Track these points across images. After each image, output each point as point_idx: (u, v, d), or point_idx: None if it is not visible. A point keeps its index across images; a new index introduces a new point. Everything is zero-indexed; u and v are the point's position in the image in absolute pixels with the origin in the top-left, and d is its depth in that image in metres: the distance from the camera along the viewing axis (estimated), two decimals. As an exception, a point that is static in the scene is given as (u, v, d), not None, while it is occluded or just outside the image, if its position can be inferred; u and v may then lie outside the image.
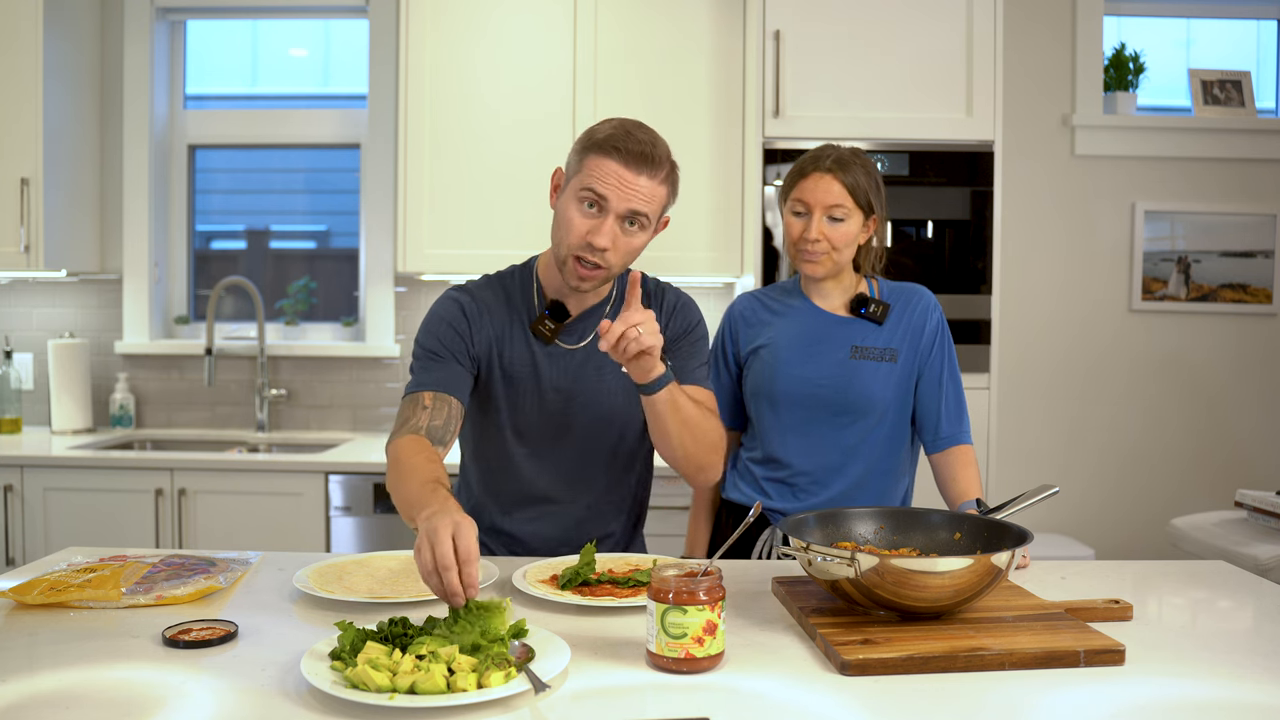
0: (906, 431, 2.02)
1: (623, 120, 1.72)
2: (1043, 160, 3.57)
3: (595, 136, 1.68)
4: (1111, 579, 1.70)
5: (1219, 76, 3.62)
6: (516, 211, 3.22)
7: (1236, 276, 3.59)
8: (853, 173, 1.90)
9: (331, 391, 3.62)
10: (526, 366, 1.80)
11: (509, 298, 1.83)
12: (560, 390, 1.80)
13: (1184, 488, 3.59)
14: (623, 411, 1.83)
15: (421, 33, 3.20)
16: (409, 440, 1.64)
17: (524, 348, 1.80)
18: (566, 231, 1.69)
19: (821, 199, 1.90)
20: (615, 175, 1.65)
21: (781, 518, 1.93)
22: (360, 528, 3.01)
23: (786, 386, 1.96)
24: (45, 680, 1.18)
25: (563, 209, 1.71)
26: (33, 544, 2.99)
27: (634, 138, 1.66)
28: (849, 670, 1.22)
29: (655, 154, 1.67)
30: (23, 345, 3.62)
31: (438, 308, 1.82)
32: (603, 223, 1.66)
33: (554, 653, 1.23)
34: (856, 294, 2.01)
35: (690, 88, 3.22)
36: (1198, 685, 1.21)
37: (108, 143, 3.59)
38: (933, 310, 2.01)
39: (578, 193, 1.67)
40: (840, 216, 1.90)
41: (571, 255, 1.69)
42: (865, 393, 1.95)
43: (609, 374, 1.81)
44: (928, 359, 1.98)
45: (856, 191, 1.90)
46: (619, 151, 1.65)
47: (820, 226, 1.90)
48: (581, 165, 1.68)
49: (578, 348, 1.81)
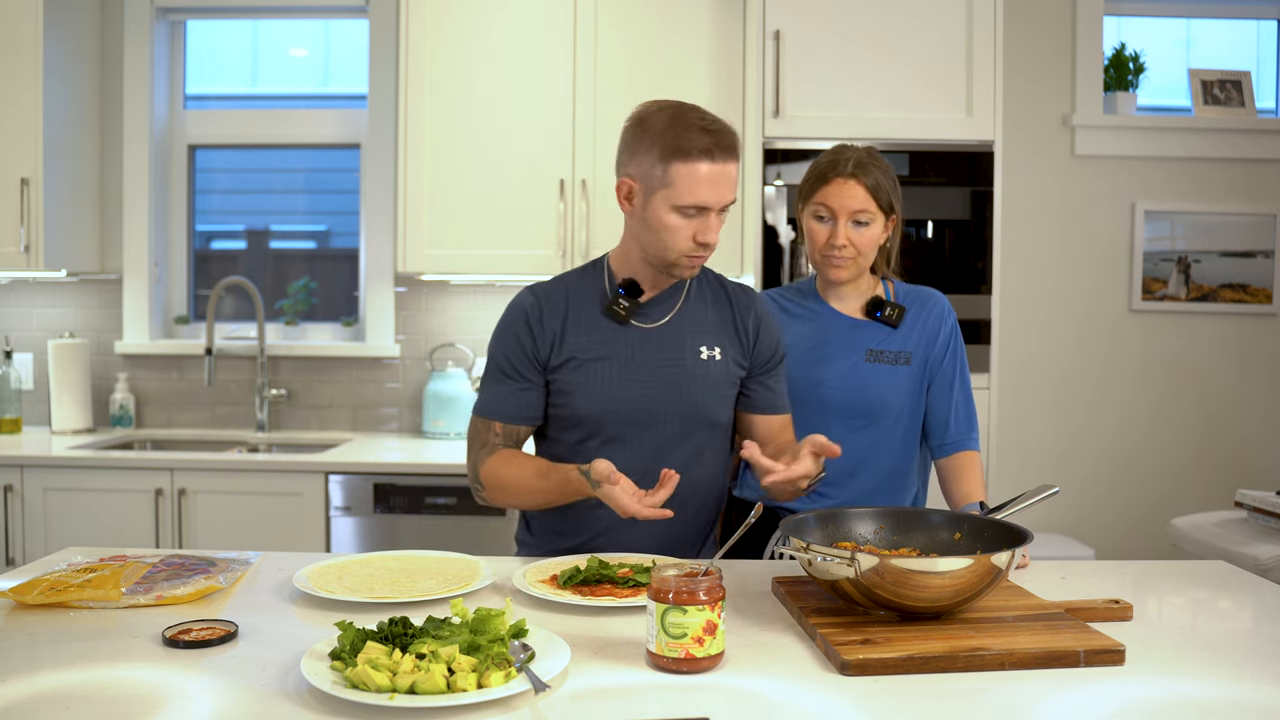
0: (919, 436, 2.02)
1: (678, 108, 1.69)
2: (1043, 160, 3.57)
3: (678, 142, 1.65)
4: (1111, 579, 1.70)
5: (1219, 76, 3.62)
6: (516, 212, 3.22)
7: (1236, 276, 3.59)
8: (873, 175, 1.90)
9: (331, 391, 3.62)
10: (596, 348, 1.77)
11: (580, 286, 1.82)
12: (636, 370, 1.77)
13: (1184, 488, 3.59)
14: (700, 396, 1.79)
15: (421, 33, 3.20)
16: (498, 458, 1.77)
17: (594, 331, 1.78)
18: (673, 239, 1.69)
19: (846, 204, 1.89)
20: (707, 181, 1.65)
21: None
22: (360, 528, 3.01)
23: (800, 389, 1.95)
24: (45, 680, 1.18)
25: (657, 220, 1.69)
26: (33, 544, 2.99)
27: (710, 132, 1.66)
28: (849, 670, 1.22)
29: (731, 139, 1.68)
30: (23, 345, 3.62)
31: (506, 315, 1.83)
32: (708, 221, 1.68)
33: (554, 653, 1.23)
34: (872, 297, 2.00)
35: (690, 88, 3.22)
36: (1198, 685, 1.21)
37: (108, 143, 3.59)
38: (947, 315, 2.01)
39: (673, 206, 1.67)
40: (865, 221, 1.90)
41: (683, 256, 1.71)
42: (880, 396, 1.95)
43: (689, 355, 1.79)
44: (940, 364, 1.98)
45: (879, 194, 1.90)
46: (707, 153, 1.64)
47: (846, 232, 1.90)
48: (669, 176, 1.66)
49: (654, 326, 1.80)
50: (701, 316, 1.83)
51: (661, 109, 1.70)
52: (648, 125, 1.69)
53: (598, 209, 3.20)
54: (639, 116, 1.72)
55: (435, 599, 1.47)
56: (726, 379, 1.82)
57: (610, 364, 1.76)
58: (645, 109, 1.73)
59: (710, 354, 1.80)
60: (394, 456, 3.10)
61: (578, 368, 1.76)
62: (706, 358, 1.80)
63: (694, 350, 1.79)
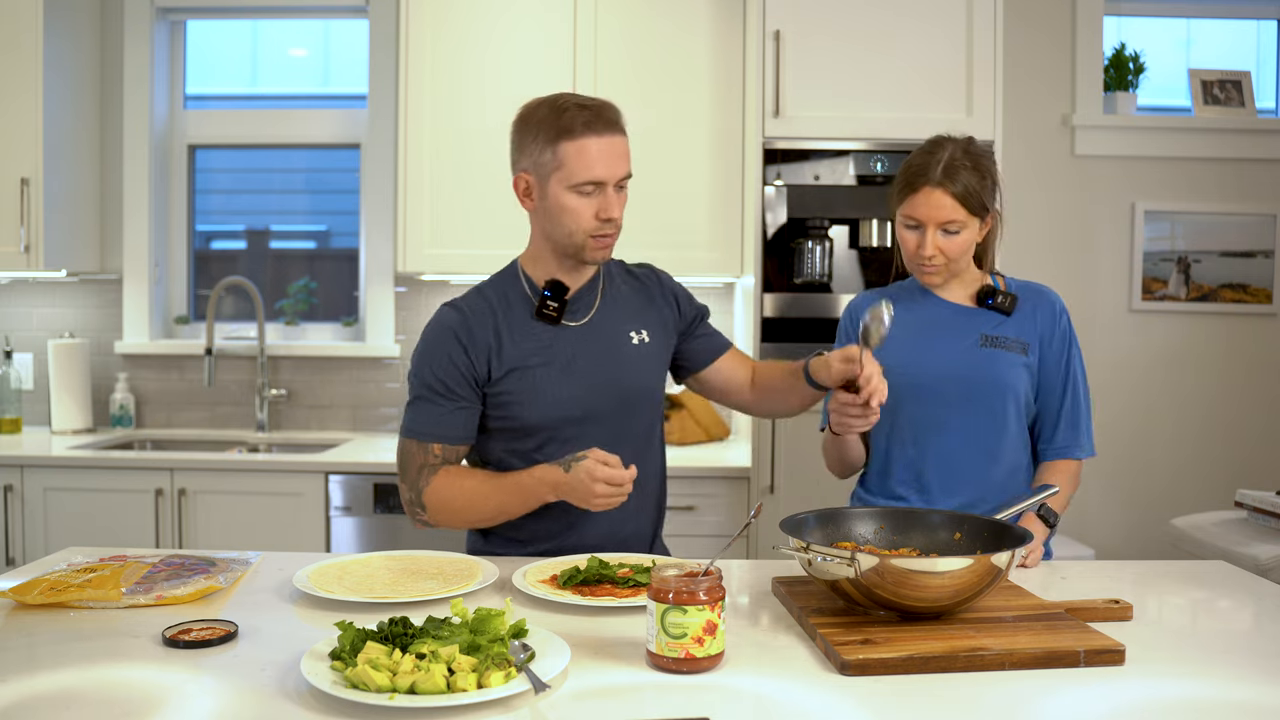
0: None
1: (555, 97, 1.74)
2: (1043, 160, 3.56)
3: (559, 123, 1.68)
4: (1111, 579, 1.70)
5: (1219, 76, 3.62)
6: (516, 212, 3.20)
7: (1236, 276, 3.58)
8: (961, 180, 1.82)
9: (331, 391, 3.62)
10: (536, 354, 1.77)
11: (501, 298, 1.81)
12: (577, 369, 1.78)
13: (1184, 488, 3.59)
14: (641, 383, 1.83)
15: (421, 33, 3.20)
16: (442, 476, 1.76)
17: (528, 337, 1.78)
18: (576, 219, 1.72)
19: (934, 215, 1.82)
20: (596, 155, 1.68)
21: None
22: (360, 528, 3.01)
23: (908, 373, 1.85)
24: (45, 680, 1.18)
25: (557, 204, 1.72)
26: (33, 544, 2.99)
27: (587, 108, 1.69)
28: (849, 670, 1.22)
29: (612, 113, 1.71)
30: (23, 345, 3.62)
31: (431, 334, 1.79)
32: (607, 197, 1.70)
33: (554, 653, 1.23)
34: (983, 285, 1.94)
35: (690, 88, 3.22)
36: (1198, 685, 1.21)
37: (108, 143, 3.59)
38: (1062, 312, 1.93)
39: (569, 187, 1.70)
40: (955, 230, 1.84)
41: (589, 236, 1.72)
42: (999, 381, 1.85)
43: (623, 344, 1.82)
44: (1057, 360, 1.90)
45: (969, 200, 1.83)
46: (589, 127, 1.67)
47: (935, 241, 1.84)
48: (559, 158, 1.69)
49: (583, 323, 1.81)
50: (624, 304, 1.86)
51: (540, 102, 1.75)
52: (530, 118, 1.74)
53: (598, 209, 3.20)
54: (520, 115, 1.77)
55: (435, 599, 1.47)
56: (659, 359, 1.87)
57: (551, 367, 1.77)
58: (525, 107, 1.77)
59: (640, 337, 1.84)
60: (394, 456, 3.09)
61: (521, 376, 1.76)
62: (638, 342, 1.84)
63: (625, 338, 1.83)
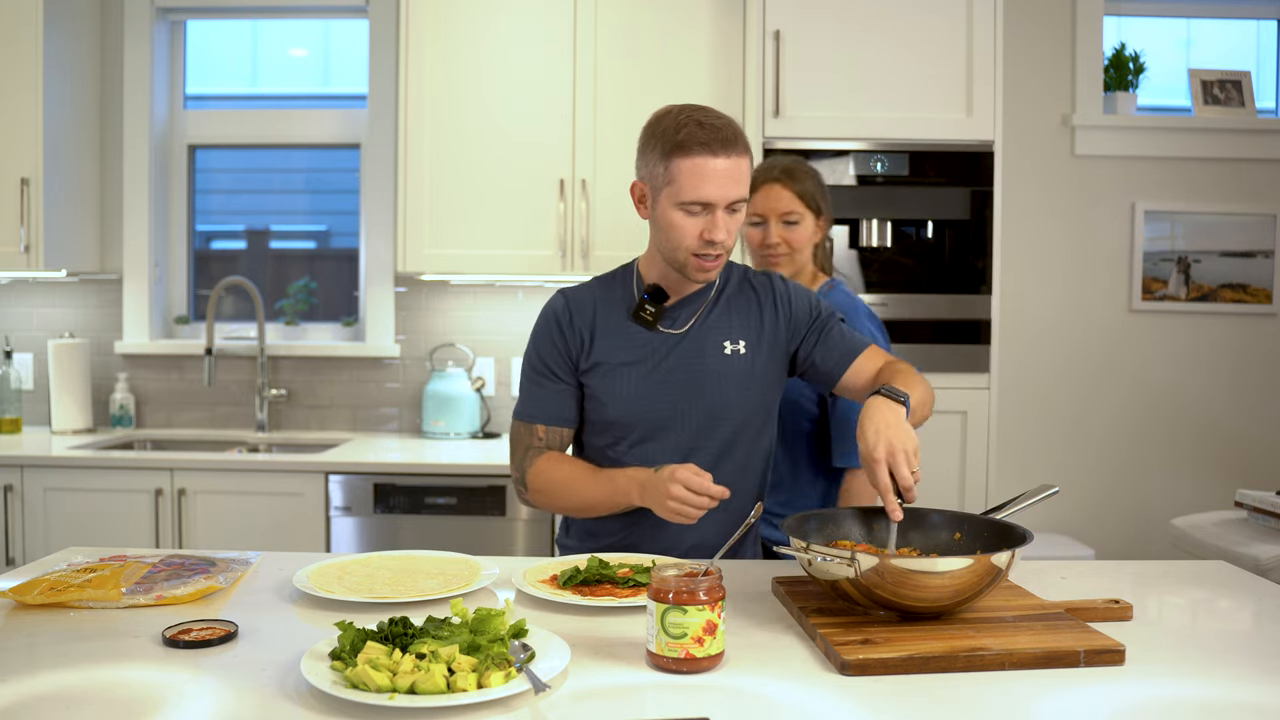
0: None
1: (684, 108, 1.70)
2: (1043, 160, 3.57)
3: (675, 138, 1.65)
4: (1111, 579, 1.70)
5: (1219, 76, 3.62)
6: (516, 212, 3.22)
7: (1236, 276, 3.59)
8: (800, 180, 2.12)
9: (331, 391, 3.62)
10: (623, 353, 1.77)
11: (609, 292, 1.83)
12: (662, 375, 1.77)
13: (1184, 488, 3.59)
14: (724, 397, 1.78)
15: (421, 33, 3.20)
16: (545, 460, 1.79)
17: (621, 336, 1.78)
18: (680, 237, 1.69)
19: (774, 207, 2.12)
20: (708, 175, 1.64)
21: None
22: (360, 528, 3.01)
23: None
24: (45, 680, 1.18)
25: (665, 219, 1.70)
26: (33, 544, 2.99)
27: (708, 127, 1.65)
28: (849, 670, 1.22)
29: (732, 133, 1.67)
30: (23, 345, 3.62)
31: (539, 319, 1.85)
32: (714, 219, 1.67)
33: (554, 653, 1.23)
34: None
35: (690, 88, 3.22)
36: (1197, 685, 1.21)
37: (108, 142, 3.59)
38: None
39: (677, 204, 1.67)
40: (794, 220, 2.12)
41: (691, 255, 1.70)
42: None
43: (713, 354, 1.78)
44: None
45: (806, 197, 2.12)
46: (705, 146, 1.64)
47: (778, 231, 2.12)
48: (670, 174, 1.66)
49: (680, 332, 1.79)
50: (728, 315, 1.82)
51: (667, 111, 1.71)
52: (654, 128, 1.71)
53: (598, 209, 3.20)
54: (650, 120, 1.73)
55: (435, 599, 1.47)
56: (751, 371, 1.79)
57: (637, 369, 1.77)
58: (657, 113, 1.74)
59: (735, 348, 1.79)
60: (394, 456, 3.10)
61: (605, 373, 1.78)
62: (730, 352, 1.79)
63: (718, 348, 1.79)
